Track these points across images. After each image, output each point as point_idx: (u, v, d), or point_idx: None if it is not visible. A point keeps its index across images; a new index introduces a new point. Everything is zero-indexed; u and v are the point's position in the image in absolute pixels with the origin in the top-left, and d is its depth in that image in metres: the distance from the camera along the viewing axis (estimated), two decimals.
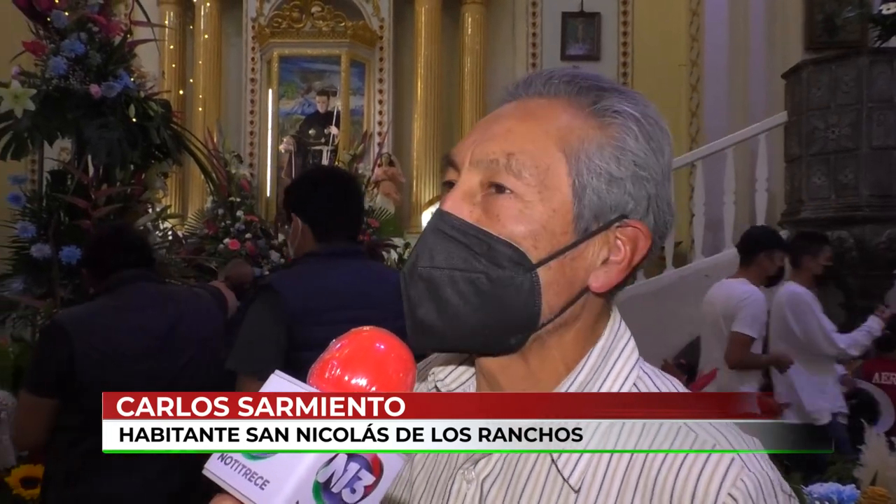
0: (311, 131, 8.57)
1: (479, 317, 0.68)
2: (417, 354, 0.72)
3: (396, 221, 8.00)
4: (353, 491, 0.52)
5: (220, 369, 2.31)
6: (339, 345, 0.57)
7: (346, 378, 0.54)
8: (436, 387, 0.79)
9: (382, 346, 0.56)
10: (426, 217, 8.37)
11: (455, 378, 0.78)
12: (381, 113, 8.71)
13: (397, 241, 7.48)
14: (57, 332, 2.09)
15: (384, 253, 7.11)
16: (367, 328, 0.58)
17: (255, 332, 1.91)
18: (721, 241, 6.46)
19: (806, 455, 3.30)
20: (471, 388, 0.78)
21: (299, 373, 1.87)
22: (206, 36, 8.80)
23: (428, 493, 0.76)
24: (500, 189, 0.68)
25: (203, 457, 0.53)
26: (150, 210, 3.66)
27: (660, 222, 0.71)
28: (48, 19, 3.17)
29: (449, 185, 0.73)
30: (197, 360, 2.21)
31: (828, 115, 5.60)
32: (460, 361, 0.79)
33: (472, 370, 0.78)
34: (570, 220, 0.68)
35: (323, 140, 8.48)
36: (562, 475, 0.66)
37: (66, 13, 3.17)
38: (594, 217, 0.69)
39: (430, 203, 8.54)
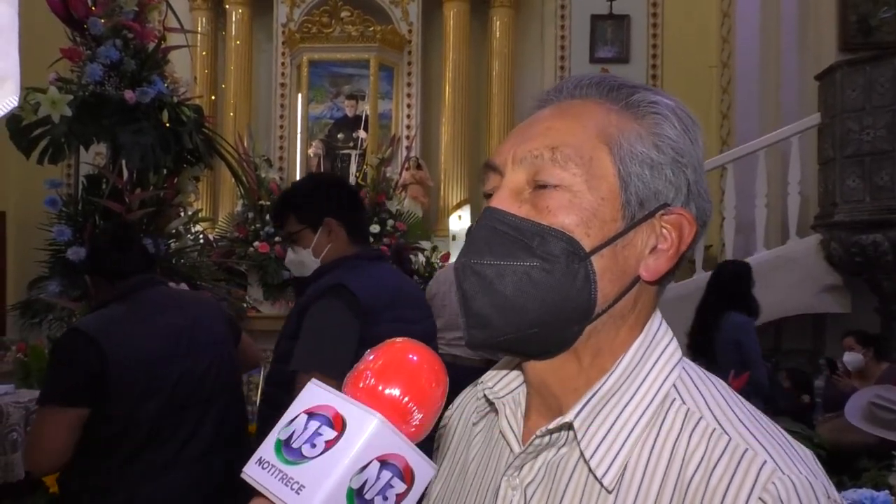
0: (339, 135, 8.63)
1: (535, 308, 0.67)
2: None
3: (424, 225, 8.02)
4: (385, 498, 0.53)
5: (235, 372, 2.32)
6: (372, 356, 0.58)
7: (380, 388, 0.55)
8: (484, 395, 0.80)
9: (415, 358, 0.57)
10: (454, 221, 8.39)
11: (504, 385, 0.79)
12: (409, 117, 8.74)
13: (425, 244, 7.50)
14: (82, 339, 2.00)
15: (412, 256, 7.14)
16: (399, 340, 0.59)
17: (329, 332, 1.86)
18: (752, 245, 6.38)
19: (841, 460, 3.25)
20: (520, 395, 0.78)
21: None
22: (238, 41, 8.91)
23: (479, 498, 0.76)
24: (545, 186, 0.69)
25: (235, 460, 0.54)
26: (181, 213, 3.71)
27: (700, 211, 0.72)
28: (85, 26, 3.24)
29: (488, 197, 0.74)
30: (218, 360, 2.20)
31: (863, 117, 5.51)
32: (513, 366, 0.79)
33: (523, 377, 0.78)
34: (618, 208, 0.69)
35: (351, 144, 8.53)
36: (595, 475, 0.66)
37: (102, 20, 3.23)
38: (640, 204, 0.69)
39: (458, 206, 8.54)
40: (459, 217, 8.41)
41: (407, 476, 0.54)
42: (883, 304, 5.67)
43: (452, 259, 7.74)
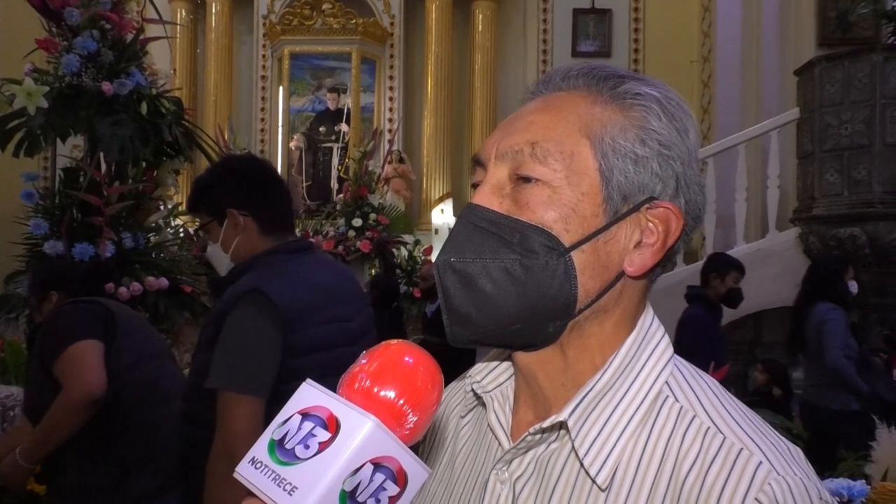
0: (321, 128, 8.59)
1: (515, 304, 0.67)
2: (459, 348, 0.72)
3: (406, 218, 8.01)
4: (378, 501, 0.53)
5: None
6: (367, 357, 0.57)
7: (375, 390, 0.55)
8: (472, 388, 0.79)
9: (410, 360, 0.57)
10: (436, 214, 8.39)
11: (492, 379, 0.78)
12: (391, 110, 8.72)
13: (407, 237, 7.49)
14: (87, 300, 2.29)
15: (394, 250, 7.13)
16: (394, 342, 0.59)
17: (250, 345, 1.67)
18: (732, 239, 6.43)
19: (818, 451, 3.29)
20: (508, 388, 0.78)
21: (286, 382, 1.61)
22: (218, 33, 8.83)
23: (466, 492, 0.76)
24: (527, 180, 0.68)
25: None
26: (161, 207, 3.68)
27: (691, 203, 0.71)
28: (61, 16, 3.19)
29: (477, 188, 0.73)
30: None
31: (841, 112, 5.57)
32: (503, 359, 0.78)
33: (510, 370, 0.78)
34: (599, 203, 0.68)
35: (333, 137, 8.50)
36: (588, 474, 0.66)
37: (79, 10, 3.19)
38: (623, 199, 0.68)
39: (441, 200, 8.54)
40: (442, 211, 8.41)
41: (400, 479, 0.53)
42: (861, 297, 5.75)
43: (435, 252, 7.74)
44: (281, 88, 8.56)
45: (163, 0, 7.83)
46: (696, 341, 3.91)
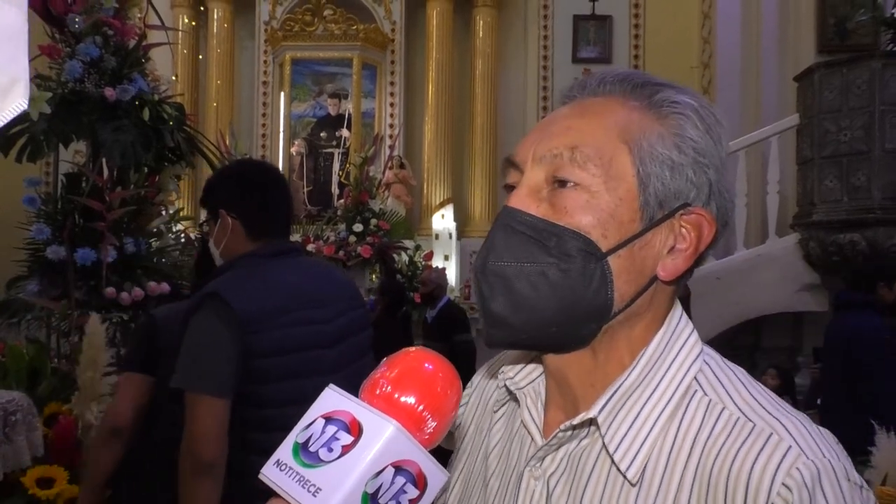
0: (322, 134, 8.60)
1: (552, 308, 0.68)
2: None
3: (407, 224, 8.01)
4: (399, 503, 0.54)
5: None
6: (388, 364, 0.59)
7: (396, 395, 0.56)
8: (505, 385, 0.80)
9: (430, 367, 0.58)
10: (437, 219, 8.40)
11: (525, 376, 0.80)
12: (392, 116, 8.73)
13: (408, 243, 7.50)
14: (148, 319, 2.19)
15: (395, 255, 7.13)
16: (413, 349, 0.60)
17: (205, 346, 1.74)
18: (732, 245, 6.44)
19: None
20: (540, 385, 0.79)
21: (255, 383, 1.66)
22: (219, 39, 8.86)
23: (502, 487, 0.77)
24: (564, 184, 0.69)
25: None
26: (163, 212, 3.69)
27: (721, 209, 0.72)
28: (64, 23, 3.21)
29: (510, 189, 0.74)
30: None
31: (840, 118, 5.59)
32: (529, 360, 0.80)
33: (541, 367, 0.79)
34: (636, 209, 0.69)
35: (334, 143, 8.51)
36: (619, 469, 0.67)
37: (82, 17, 3.21)
38: (659, 205, 0.70)
39: (441, 205, 8.55)
40: (443, 216, 8.42)
41: (420, 482, 0.55)
42: None
43: (435, 258, 7.75)
44: (282, 94, 8.58)
45: (165, 6, 7.89)
46: (879, 352, 3.56)
